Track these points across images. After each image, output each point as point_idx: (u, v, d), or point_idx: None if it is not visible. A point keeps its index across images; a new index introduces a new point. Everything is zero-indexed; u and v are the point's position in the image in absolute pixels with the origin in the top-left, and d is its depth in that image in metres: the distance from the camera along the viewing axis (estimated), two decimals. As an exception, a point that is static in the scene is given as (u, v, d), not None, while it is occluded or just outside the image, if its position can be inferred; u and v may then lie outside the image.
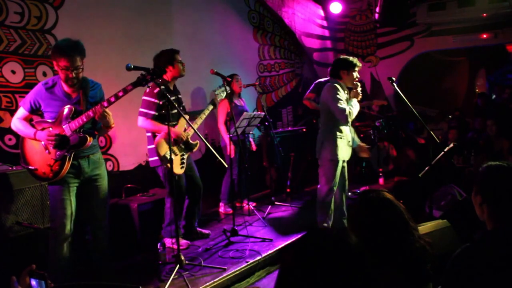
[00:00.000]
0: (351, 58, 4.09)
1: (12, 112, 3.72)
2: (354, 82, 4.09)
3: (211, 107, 4.22)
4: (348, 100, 4.05)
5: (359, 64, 4.11)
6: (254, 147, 5.50)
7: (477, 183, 1.67)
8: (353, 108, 3.98)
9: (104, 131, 3.19)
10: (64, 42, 2.90)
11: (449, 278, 1.58)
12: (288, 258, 1.09)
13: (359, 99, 4.10)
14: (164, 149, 3.72)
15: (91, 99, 3.05)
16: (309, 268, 1.03)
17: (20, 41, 3.81)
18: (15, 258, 3.15)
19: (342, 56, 4.20)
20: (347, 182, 4.36)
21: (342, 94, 4.01)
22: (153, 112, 3.76)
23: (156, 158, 3.81)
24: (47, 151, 2.94)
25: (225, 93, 4.30)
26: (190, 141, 3.98)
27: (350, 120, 3.95)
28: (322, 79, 5.76)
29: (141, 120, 3.81)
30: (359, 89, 4.10)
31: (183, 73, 4.00)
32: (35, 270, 1.39)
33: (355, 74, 4.08)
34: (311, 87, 5.84)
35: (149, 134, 3.90)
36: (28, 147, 3.02)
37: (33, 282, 1.37)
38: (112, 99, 2.86)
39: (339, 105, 3.90)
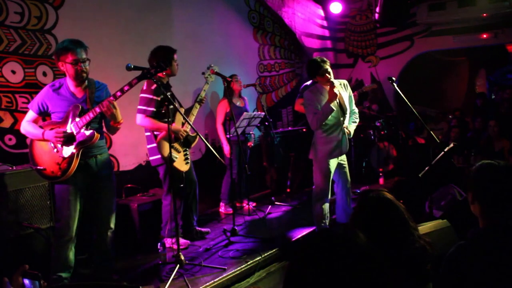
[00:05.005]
0: (316, 62, 3.89)
1: (12, 112, 3.73)
2: (329, 82, 3.88)
3: (198, 106, 4.18)
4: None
5: (323, 66, 3.86)
6: (250, 144, 5.45)
7: (469, 181, 1.71)
8: (323, 113, 3.89)
9: (114, 128, 3.19)
10: (66, 41, 2.97)
11: (444, 276, 1.60)
12: (297, 256, 1.08)
13: (334, 100, 3.86)
14: (167, 149, 3.71)
15: (97, 99, 3.08)
16: (317, 266, 1.02)
17: (20, 41, 3.81)
18: (14, 258, 3.15)
19: (309, 61, 4.05)
20: (349, 182, 4.34)
21: (315, 100, 3.96)
22: (152, 109, 3.74)
23: (158, 157, 3.81)
24: (55, 150, 2.96)
25: (213, 77, 4.29)
26: (190, 134, 3.97)
27: (318, 126, 3.94)
28: (308, 83, 5.77)
29: (140, 118, 3.78)
30: (336, 90, 3.85)
31: (176, 73, 3.98)
32: (28, 270, 1.39)
33: (327, 75, 3.86)
34: (299, 92, 5.83)
35: (149, 133, 3.88)
36: (37, 148, 3.05)
37: (26, 282, 1.37)
38: (118, 94, 2.93)
39: (308, 113, 3.99)
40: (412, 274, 1.67)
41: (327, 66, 3.92)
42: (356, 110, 4.30)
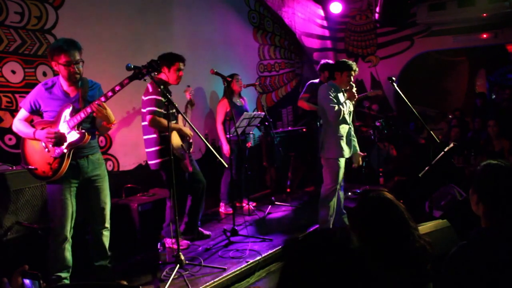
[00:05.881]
0: (348, 62, 4.19)
1: (12, 112, 3.73)
2: (350, 83, 4.15)
3: (190, 107, 4.30)
4: (341, 100, 4.12)
5: (354, 68, 4.16)
6: (249, 144, 5.46)
7: (474, 181, 1.69)
8: (344, 109, 4.05)
9: (106, 128, 3.18)
10: (60, 40, 2.95)
11: (446, 276, 1.59)
12: (291, 257, 1.10)
13: (354, 100, 4.17)
14: (178, 143, 3.82)
15: (90, 98, 3.06)
16: (310, 268, 1.04)
17: (20, 41, 3.81)
18: (14, 258, 3.15)
19: (342, 60, 4.32)
20: (342, 179, 4.42)
21: (335, 94, 4.09)
22: (161, 110, 3.73)
23: (157, 161, 3.81)
24: (46, 149, 2.95)
25: (193, 93, 4.52)
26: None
27: (339, 119, 4.03)
28: (315, 80, 5.79)
29: (151, 119, 3.72)
30: (354, 90, 4.14)
31: (176, 83, 3.97)
32: (28, 270, 1.39)
33: (349, 77, 4.14)
34: (305, 88, 5.89)
35: (150, 136, 3.85)
36: (28, 147, 3.03)
37: (27, 282, 1.37)
38: (109, 94, 2.89)
39: (329, 104, 4.03)
40: (412, 274, 1.67)
41: (355, 71, 4.21)
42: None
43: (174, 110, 3.74)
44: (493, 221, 1.61)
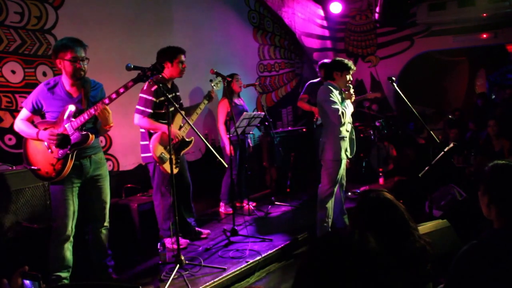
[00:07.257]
0: (346, 61, 4.18)
1: (12, 112, 3.73)
2: (347, 84, 4.15)
3: (206, 101, 4.19)
4: (342, 101, 4.11)
5: (353, 67, 4.18)
6: (250, 149, 5.48)
7: (484, 183, 1.66)
8: (346, 109, 4.03)
9: (103, 130, 3.18)
10: (65, 39, 2.96)
11: (454, 275, 1.57)
12: (305, 259, 1.08)
13: (352, 100, 4.16)
14: (159, 150, 3.72)
15: (93, 98, 3.07)
16: (328, 270, 1.02)
17: (20, 41, 3.81)
18: (14, 259, 3.15)
19: (337, 58, 4.29)
20: (344, 179, 4.42)
21: (335, 96, 4.06)
22: (149, 110, 3.73)
23: (149, 154, 3.80)
24: (49, 150, 2.95)
25: (221, 84, 4.32)
26: (186, 139, 3.97)
27: (343, 121, 3.99)
28: (315, 80, 5.77)
29: (137, 118, 3.78)
30: (351, 90, 4.16)
31: (181, 75, 3.97)
32: (28, 271, 1.39)
33: (348, 77, 4.14)
34: (304, 88, 5.85)
35: (141, 130, 3.89)
36: (31, 148, 3.03)
37: (27, 283, 1.37)
38: (113, 96, 2.89)
39: (332, 106, 3.97)
40: (412, 274, 1.67)
41: (353, 70, 4.22)
42: None
43: (172, 109, 3.73)
44: (507, 222, 1.58)
